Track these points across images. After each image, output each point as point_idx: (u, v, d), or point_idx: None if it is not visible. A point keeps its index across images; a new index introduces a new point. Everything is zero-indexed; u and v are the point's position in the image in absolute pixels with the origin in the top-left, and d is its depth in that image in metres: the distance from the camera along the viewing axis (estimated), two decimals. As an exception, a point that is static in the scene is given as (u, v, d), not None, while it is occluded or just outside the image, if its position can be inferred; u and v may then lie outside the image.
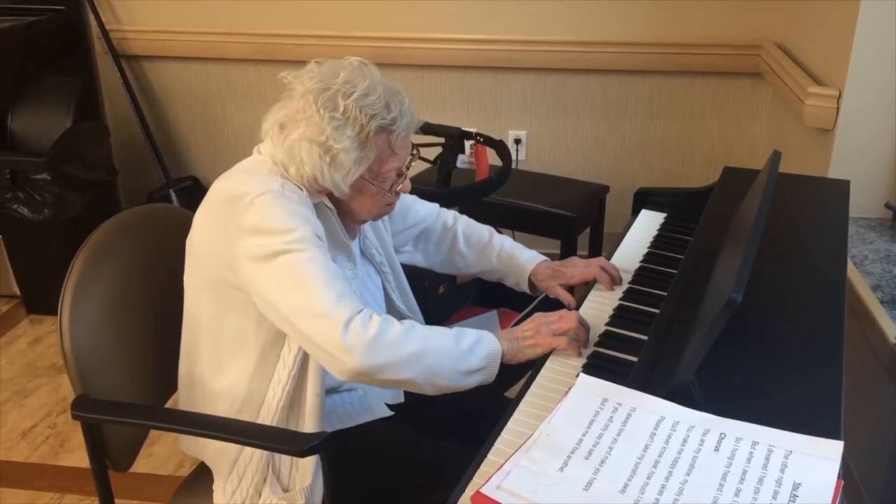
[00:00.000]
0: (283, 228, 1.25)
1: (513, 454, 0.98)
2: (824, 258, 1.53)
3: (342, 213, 1.41)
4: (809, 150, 2.45)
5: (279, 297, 1.24)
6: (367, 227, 1.54)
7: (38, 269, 2.97)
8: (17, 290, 3.06)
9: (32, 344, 2.86)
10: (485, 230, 1.70)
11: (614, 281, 1.57)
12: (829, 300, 1.36)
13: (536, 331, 1.34)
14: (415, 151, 1.44)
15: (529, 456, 0.96)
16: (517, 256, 1.65)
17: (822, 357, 1.20)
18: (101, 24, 3.16)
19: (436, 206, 1.73)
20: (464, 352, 1.28)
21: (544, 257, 1.66)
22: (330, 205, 1.38)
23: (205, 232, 1.34)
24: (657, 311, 1.43)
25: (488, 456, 1.10)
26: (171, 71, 3.31)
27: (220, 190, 1.33)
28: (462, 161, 2.27)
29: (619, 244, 1.76)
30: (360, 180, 1.35)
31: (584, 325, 1.37)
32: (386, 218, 1.59)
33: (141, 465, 2.25)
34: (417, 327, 1.27)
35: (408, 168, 1.41)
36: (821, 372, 1.15)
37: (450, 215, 1.71)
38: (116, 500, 2.09)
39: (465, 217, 1.73)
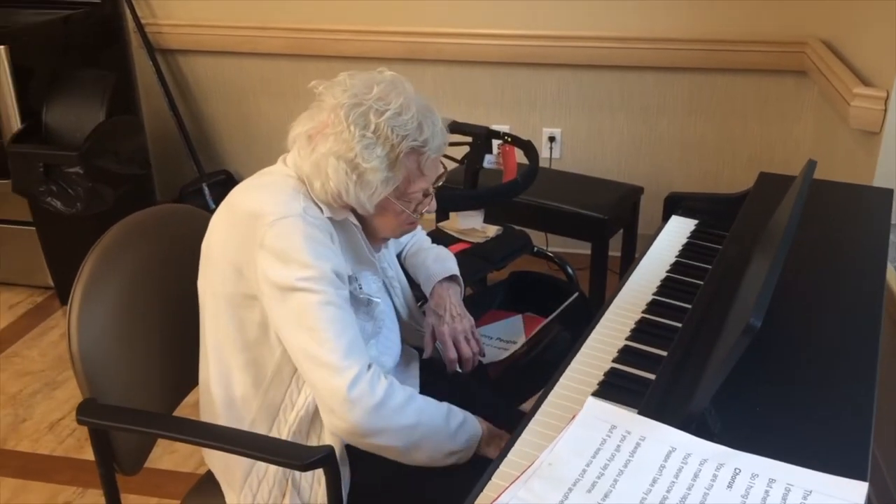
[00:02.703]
0: (303, 262, 1.22)
1: (511, 484, 0.93)
2: (861, 274, 1.45)
3: (366, 229, 1.38)
4: (855, 154, 2.35)
5: (291, 335, 1.23)
6: None
7: (71, 262, 2.98)
8: (51, 282, 3.09)
9: (65, 336, 2.86)
10: (427, 243, 1.68)
11: (461, 363, 1.53)
12: (865, 321, 1.28)
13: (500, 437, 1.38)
14: (444, 170, 1.39)
15: (528, 487, 0.91)
16: (431, 269, 1.60)
17: (853, 387, 1.12)
18: (136, 19, 3.18)
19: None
20: (452, 432, 1.31)
21: (454, 287, 1.60)
22: (355, 221, 1.35)
23: (222, 241, 1.31)
24: (681, 325, 1.36)
25: (493, 479, 1.05)
26: (206, 65, 3.31)
27: (241, 204, 1.31)
28: (489, 161, 2.22)
29: (645, 252, 1.69)
30: (386, 200, 1.31)
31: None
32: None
33: (163, 462, 2.25)
34: (417, 398, 1.29)
35: (435, 188, 1.37)
36: (851, 403, 1.08)
37: (420, 232, 1.70)
38: (136, 497, 2.13)
39: (427, 238, 1.71)
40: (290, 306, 1.23)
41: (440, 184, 1.39)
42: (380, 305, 1.39)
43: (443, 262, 1.62)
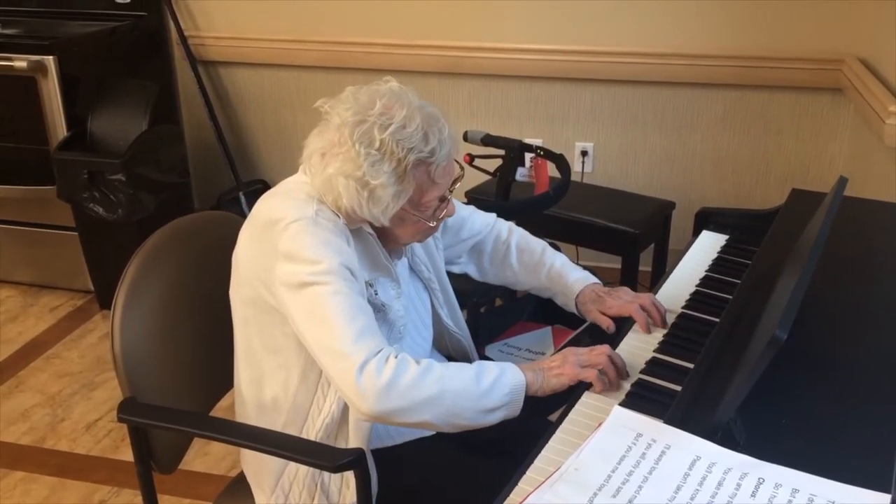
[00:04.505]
0: (311, 258, 1.25)
1: (537, 487, 0.95)
2: (891, 292, 1.45)
3: (384, 236, 1.40)
4: (890, 172, 2.33)
5: (305, 328, 1.25)
6: (416, 244, 1.53)
7: (111, 266, 3.06)
8: (91, 286, 3.17)
9: (103, 338, 2.95)
10: (537, 246, 1.67)
11: (655, 323, 1.48)
12: (893, 338, 1.28)
13: (564, 360, 1.31)
14: (460, 173, 1.40)
15: (554, 490, 0.93)
16: (566, 276, 1.61)
17: (880, 401, 1.13)
18: (180, 31, 3.25)
19: (492, 217, 1.70)
20: (485, 391, 1.25)
21: (595, 280, 1.62)
22: (371, 230, 1.37)
23: (246, 251, 1.36)
24: (709, 338, 1.37)
25: (519, 484, 1.07)
26: (245, 76, 3.38)
27: (260, 212, 1.35)
28: (521, 174, 2.25)
29: (675, 266, 1.70)
30: (402, 211, 1.32)
31: (617, 363, 1.31)
32: (437, 233, 1.57)
33: (196, 464, 2.30)
34: (434, 368, 1.24)
35: (451, 192, 1.38)
36: (877, 417, 1.09)
37: (504, 228, 1.69)
38: (170, 497, 2.17)
39: (520, 230, 1.70)
40: (302, 302, 1.25)
41: (457, 187, 1.39)
42: (398, 311, 1.41)
43: (571, 267, 1.63)
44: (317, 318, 1.23)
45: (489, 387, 1.25)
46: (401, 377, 1.20)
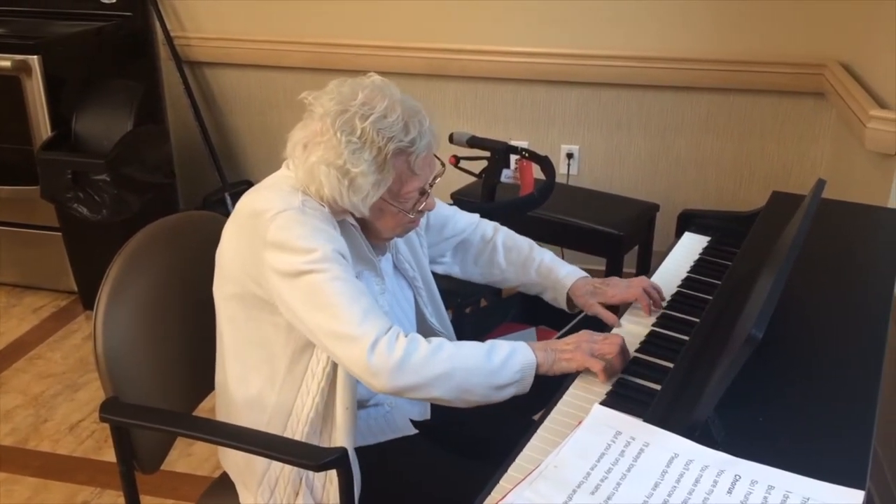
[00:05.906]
0: (304, 248, 1.26)
1: (517, 485, 0.96)
2: (869, 292, 1.47)
3: (366, 230, 1.41)
4: (871, 175, 2.36)
5: (308, 317, 1.26)
6: (400, 242, 1.53)
7: (95, 267, 3.04)
8: (74, 287, 3.15)
9: (87, 339, 2.94)
10: (524, 243, 1.68)
11: (655, 304, 1.53)
12: (870, 338, 1.30)
13: (577, 346, 1.33)
14: (441, 168, 1.42)
15: (534, 488, 0.94)
16: (556, 271, 1.63)
17: (856, 399, 1.14)
18: (166, 31, 3.25)
19: (475, 217, 1.71)
20: (495, 368, 1.28)
21: (584, 273, 1.64)
22: (354, 222, 1.38)
23: (231, 246, 1.36)
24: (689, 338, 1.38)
25: (500, 482, 1.08)
26: (231, 77, 3.38)
27: (244, 206, 1.35)
28: (507, 176, 2.26)
29: (658, 267, 1.71)
30: (381, 201, 1.34)
31: (624, 354, 1.34)
32: (421, 231, 1.58)
33: (179, 465, 2.29)
34: (445, 346, 1.27)
35: (431, 186, 1.39)
36: (853, 415, 1.10)
37: (489, 227, 1.70)
38: (152, 498, 2.16)
39: (505, 229, 1.71)
40: (300, 290, 1.26)
41: (437, 182, 1.40)
42: (382, 307, 1.42)
43: (560, 262, 1.65)
44: (319, 305, 1.25)
45: (500, 365, 1.28)
46: (412, 355, 1.24)
